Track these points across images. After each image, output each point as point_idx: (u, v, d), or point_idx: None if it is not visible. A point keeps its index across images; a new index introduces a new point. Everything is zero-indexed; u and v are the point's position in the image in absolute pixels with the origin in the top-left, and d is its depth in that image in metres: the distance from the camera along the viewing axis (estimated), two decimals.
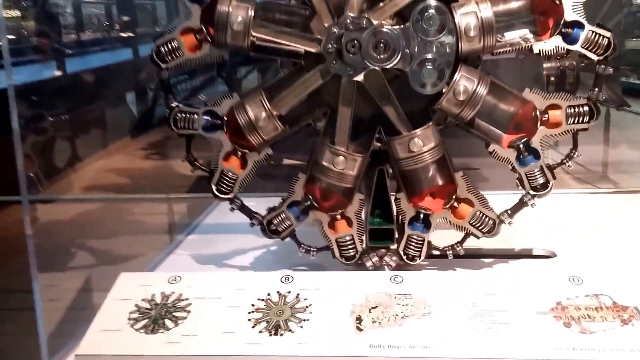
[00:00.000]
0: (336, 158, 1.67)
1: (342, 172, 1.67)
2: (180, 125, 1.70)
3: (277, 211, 1.75)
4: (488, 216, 1.72)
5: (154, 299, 1.50)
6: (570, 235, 2.08)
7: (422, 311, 1.38)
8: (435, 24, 1.54)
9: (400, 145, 1.66)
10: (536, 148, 1.68)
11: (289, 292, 1.49)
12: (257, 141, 1.68)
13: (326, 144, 1.68)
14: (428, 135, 1.65)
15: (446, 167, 1.69)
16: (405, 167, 1.67)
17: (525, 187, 1.71)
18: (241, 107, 1.67)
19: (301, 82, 1.65)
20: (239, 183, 1.73)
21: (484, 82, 1.61)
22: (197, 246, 2.11)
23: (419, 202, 1.73)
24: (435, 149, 1.65)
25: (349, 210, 1.73)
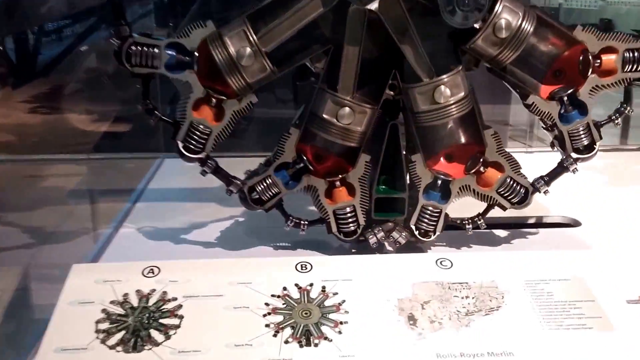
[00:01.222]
0: (340, 109, 1.30)
1: (346, 128, 1.31)
2: (135, 62, 1.27)
3: (262, 175, 1.38)
4: (520, 184, 1.41)
5: (128, 301, 1.11)
6: (589, 200, 1.81)
7: (489, 305, 1.08)
8: None
9: (422, 95, 1.31)
10: (584, 101, 1.36)
11: (311, 285, 1.15)
12: (238, 85, 1.28)
13: (327, 91, 1.31)
14: (457, 82, 1.30)
15: (475, 123, 1.36)
16: (426, 123, 1.33)
17: (566, 149, 1.40)
18: (219, 39, 1.26)
19: (297, 9, 1.26)
20: (213, 139, 1.33)
21: (530, 16, 1.27)
22: (149, 218, 1.69)
23: (438, 166, 1.40)
24: (464, 101, 1.31)
25: (351, 175, 1.38)
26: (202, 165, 1.36)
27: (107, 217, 1.87)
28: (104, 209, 2.02)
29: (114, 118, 2.86)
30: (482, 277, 1.16)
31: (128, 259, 1.43)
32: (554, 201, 1.59)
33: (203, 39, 1.28)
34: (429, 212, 1.42)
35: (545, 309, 1.09)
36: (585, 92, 1.36)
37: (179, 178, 2.01)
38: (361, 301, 1.12)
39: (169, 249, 1.51)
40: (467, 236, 1.47)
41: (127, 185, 2.03)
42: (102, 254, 1.51)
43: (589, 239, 1.60)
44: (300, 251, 1.47)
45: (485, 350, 1.01)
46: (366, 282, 1.16)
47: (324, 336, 1.05)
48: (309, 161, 1.38)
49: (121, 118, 2.80)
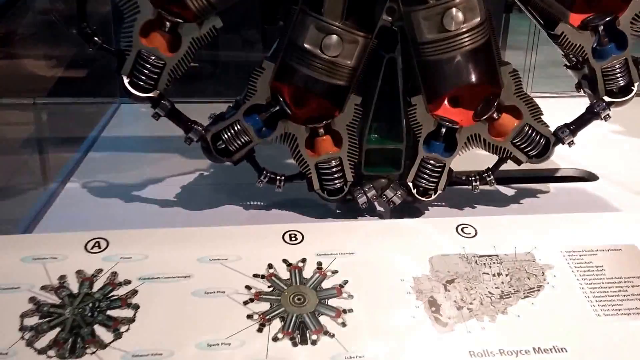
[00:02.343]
0: (326, 38, 1.05)
1: (333, 62, 1.05)
2: None
3: (229, 120, 1.12)
4: (540, 133, 1.17)
5: (66, 286, 0.86)
6: (601, 150, 1.58)
7: (527, 284, 0.87)
8: None
9: (428, 21, 1.06)
10: (624, 32, 1.11)
11: (304, 261, 0.91)
12: (198, 4, 1.01)
13: (310, 15, 1.04)
14: (472, 4, 1.05)
15: (490, 58, 1.11)
16: (431, 56, 1.08)
17: (597, 91, 1.16)
18: None
19: None
20: (168, 74, 1.06)
21: None
22: (100, 171, 1.44)
23: (443, 111, 1.15)
24: (480, 28, 1.06)
25: (337, 121, 1.13)
26: (154, 106, 1.10)
27: (53, 170, 1.61)
28: (51, 160, 1.75)
29: (70, 61, 2.57)
30: (515, 248, 0.94)
31: (71, 225, 1.20)
32: (562, 151, 1.36)
33: None
34: (430, 166, 1.19)
35: (598, 289, 0.88)
36: (627, 20, 1.12)
37: (137, 125, 1.76)
38: (368, 281, 0.89)
39: (121, 211, 1.27)
40: (469, 193, 1.24)
41: (79, 134, 1.76)
42: (40, 217, 1.26)
43: (608, 194, 1.39)
44: (283, 214, 1.24)
45: (530, 346, 0.80)
46: (372, 255, 0.94)
47: (323, 330, 0.82)
48: (287, 103, 1.12)
49: (78, 61, 2.52)
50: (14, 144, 1.77)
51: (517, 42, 2.15)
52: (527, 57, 2.17)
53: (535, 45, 2.12)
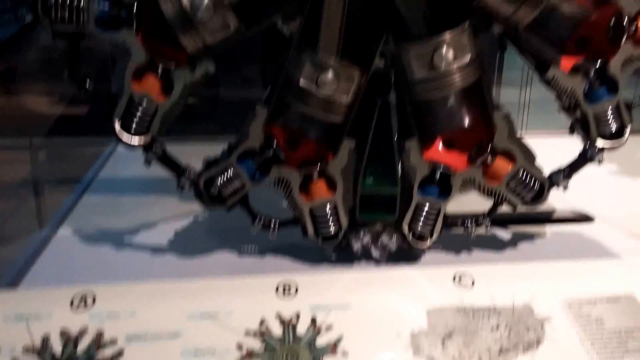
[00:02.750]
0: (322, 74, 1.04)
1: (329, 98, 1.05)
2: (57, 16, 0.99)
3: (222, 166, 1.11)
4: (535, 177, 1.16)
5: (49, 347, 0.83)
6: (597, 190, 1.56)
7: (526, 337, 0.85)
8: None
9: (418, 59, 1.05)
10: (615, 76, 1.12)
11: (298, 316, 0.89)
12: (194, 46, 1.01)
13: (305, 52, 1.04)
14: (462, 43, 1.05)
15: (482, 99, 1.11)
16: (423, 96, 1.08)
17: (591, 134, 1.16)
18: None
19: None
20: (160, 118, 1.06)
21: None
22: (94, 215, 1.42)
23: (437, 155, 1.14)
24: (470, 67, 1.06)
25: (331, 165, 1.12)
26: (146, 151, 1.08)
27: (47, 214, 1.59)
28: (45, 202, 1.73)
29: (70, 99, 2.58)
30: (513, 299, 0.91)
31: (60, 275, 1.18)
32: (557, 191, 1.35)
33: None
34: (425, 211, 1.17)
35: (598, 342, 0.85)
36: (617, 64, 1.12)
37: (134, 165, 1.73)
38: (364, 337, 0.86)
39: (112, 259, 1.25)
40: (465, 236, 1.22)
41: (75, 175, 1.75)
42: (30, 265, 1.23)
43: (605, 237, 1.37)
44: (277, 261, 1.21)
45: None
46: (368, 308, 0.91)
47: None
48: (281, 147, 1.11)
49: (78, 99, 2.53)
50: (8, 187, 1.75)
51: (512, 78, 2.15)
52: (521, 93, 2.16)
53: (530, 81, 2.12)
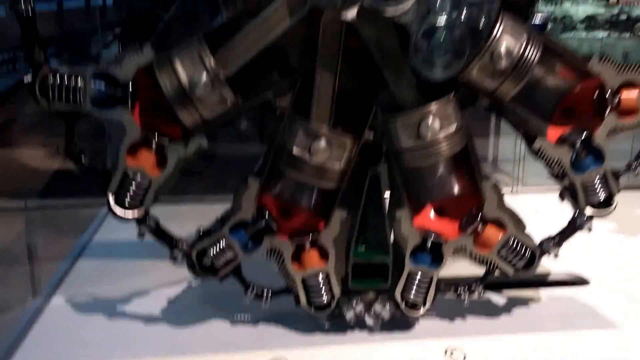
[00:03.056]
0: (315, 142, 1.06)
1: (322, 166, 1.07)
2: (54, 97, 1.02)
3: (215, 237, 1.12)
4: (526, 245, 1.17)
5: None
6: (593, 250, 1.57)
7: None
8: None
9: (405, 129, 1.07)
10: (600, 146, 1.14)
11: None
12: (192, 120, 1.04)
13: (298, 121, 1.07)
14: (448, 113, 1.07)
15: (470, 169, 1.13)
16: (411, 164, 1.10)
17: (579, 203, 1.17)
18: (168, 63, 1.02)
19: (260, 21, 1.03)
20: (154, 192, 1.07)
21: (535, 43, 1.05)
22: (87, 283, 1.42)
23: (427, 223, 1.15)
24: (457, 136, 1.08)
25: (323, 235, 1.13)
26: (139, 224, 1.10)
27: (40, 281, 1.60)
28: (39, 268, 1.74)
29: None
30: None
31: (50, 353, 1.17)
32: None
33: (138, 68, 1.04)
34: (417, 279, 1.18)
35: None
36: (602, 135, 1.14)
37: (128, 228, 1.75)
38: None
39: (103, 334, 1.23)
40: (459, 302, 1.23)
41: (70, 238, 1.76)
42: (21, 341, 1.22)
43: (600, 301, 1.37)
44: (270, 331, 1.22)
45: None
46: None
47: None
48: (273, 217, 1.13)
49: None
50: (1, 252, 1.76)
51: (508, 130, 2.17)
52: (515, 147, 2.16)
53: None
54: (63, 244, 1.77)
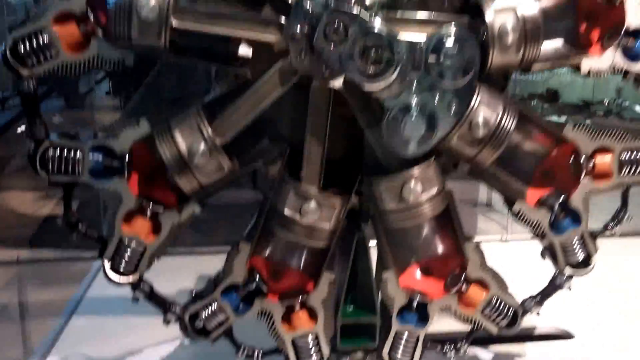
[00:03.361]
0: (305, 204, 1.11)
1: (313, 226, 1.12)
2: (53, 169, 1.07)
3: (207, 300, 1.16)
4: (508, 304, 1.21)
5: None
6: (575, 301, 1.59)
7: None
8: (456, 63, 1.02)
9: (388, 192, 1.12)
10: (577, 209, 1.19)
11: None
12: (190, 187, 1.09)
13: (289, 183, 1.12)
14: (429, 176, 1.12)
15: (452, 230, 1.18)
16: (394, 225, 1.14)
17: (559, 263, 1.22)
18: (167, 134, 1.07)
19: (253, 91, 1.08)
20: (148, 259, 1.11)
21: (511, 111, 1.11)
22: (81, 343, 1.44)
23: (413, 283, 1.19)
24: (438, 197, 1.13)
25: (312, 297, 1.17)
26: (134, 289, 1.13)
27: (33, 341, 1.61)
28: (33, 327, 1.74)
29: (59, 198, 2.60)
30: None
31: None
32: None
33: (134, 140, 1.08)
34: (404, 339, 1.21)
35: None
36: (579, 198, 1.19)
37: None
38: None
39: None
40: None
41: (63, 294, 1.77)
42: None
43: (586, 354, 1.40)
44: None
45: None
46: None
47: None
48: (264, 280, 1.16)
49: None
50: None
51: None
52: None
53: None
54: (56, 299, 1.78)
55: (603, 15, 1.13)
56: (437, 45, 1.01)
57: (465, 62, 1.01)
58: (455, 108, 1.04)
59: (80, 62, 1.04)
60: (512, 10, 1.05)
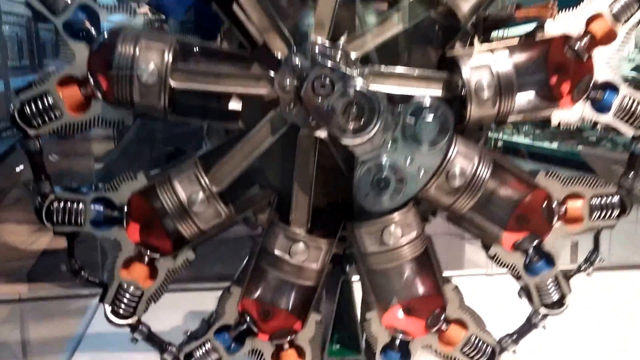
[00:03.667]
0: (294, 245, 1.20)
1: (301, 266, 1.21)
2: (58, 220, 1.15)
3: (201, 340, 1.24)
4: (486, 342, 1.28)
5: None
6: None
7: None
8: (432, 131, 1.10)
9: (369, 235, 1.20)
10: (550, 252, 1.26)
11: None
12: (190, 232, 1.17)
13: (279, 226, 1.21)
14: (408, 221, 1.20)
15: (431, 272, 1.26)
16: (376, 266, 1.23)
17: (534, 303, 1.29)
18: (167, 183, 1.16)
19: (246, 140, 1.17)
20: (145, 302, 1.19)
21: (486, 161, 1.18)
22: None
23: (395, 322, 1.27)
24: (417, 240, 1.21)
25: (300, 336, 1.24)
26: (133, 331, 1.21)
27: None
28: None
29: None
30: None
31: None
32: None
33: (133, 193, 1.17)
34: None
35: None
36: (552, 242, 1.26)
37: None
38: None
39: None
40: None
41: (65, 331, 1.84)
42: None
43: None
44: None
45: None
46: None
47: None
48: (254, 320, 1.24)
49: None
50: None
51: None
52: None
53: None
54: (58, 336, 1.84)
55: (572, 69, 1.21)
56: (415, 110, 1.09)
57: (439, 128, 1.09)
58: (425, 170, 1.12)
59: (82, 122, 1.13)
60: (487, 67, 1.13)
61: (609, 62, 1.18)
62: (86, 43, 1.11)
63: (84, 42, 1.11)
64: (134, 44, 1.08)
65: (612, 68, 1.18)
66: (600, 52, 1.18)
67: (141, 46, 1.09)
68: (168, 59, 1.09)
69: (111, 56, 1.09)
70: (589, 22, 1.18)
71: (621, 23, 1.17)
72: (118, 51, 1.08)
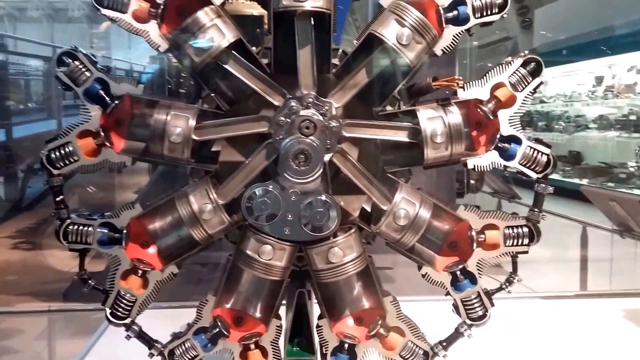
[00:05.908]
0: (262, 247, 1.47)
1: (269, 263, 1.47)
2: (71, 239, 1.48)
3: (182, 339, 1.52)
4: (420, 348, 1.53)
5: None
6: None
7: None
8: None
9: (318, 255, 1.48)
10: (473, 272, 1.51)
11: None
12: (201, 235, 1.48)
13: (251, 231, 1.49)
14: (350, 244, 1.48)
15: (372, 287, 1.52)
16: (324, 280, 1.49)
17: (461, 316, 1.53)
18: (184, 197, 1.46)
19: (246, 165, 1.47)
20: (138, 307, 1.50)
21: (427, 204, 1.47)
22: None
23: (342, 328, 1.53)
24: (359, 259, 1.49)
25: (264, 338, 1.52)
26: (127, 329, 1.52)
27: None
28: None
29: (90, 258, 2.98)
30: None
31: None
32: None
33: (133, 218, 1.49)
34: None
35: None
36: (473, 263, 1.51)
37: None
38: None
39: None
40: None
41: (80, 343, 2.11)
42: None
43: None
44: None
45: None
46: None
47: None
48: (225, 325, 1.52)
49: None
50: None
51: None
52: None
53: None
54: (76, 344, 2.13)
55: (486, 125, 1.49)
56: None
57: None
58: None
59: (94, 164, 1.47)
60: (440, 117, 1.44)
61: (511, 120, 1.48)
62: (100, 106, 1.46)
63: (98, 105, 1.46)
64: (166, 112, 1.44)
65: (514, 126, 1.47)
66: (504, 113, 1.48)
67: (172, 114, 1.43)
68: (191, 124, 1.43)
69: (119, 116, 1.45)
70: (493, 89, 1.47)
71: (518, 90, 1.46)
72: (155, 118, 1.43)
